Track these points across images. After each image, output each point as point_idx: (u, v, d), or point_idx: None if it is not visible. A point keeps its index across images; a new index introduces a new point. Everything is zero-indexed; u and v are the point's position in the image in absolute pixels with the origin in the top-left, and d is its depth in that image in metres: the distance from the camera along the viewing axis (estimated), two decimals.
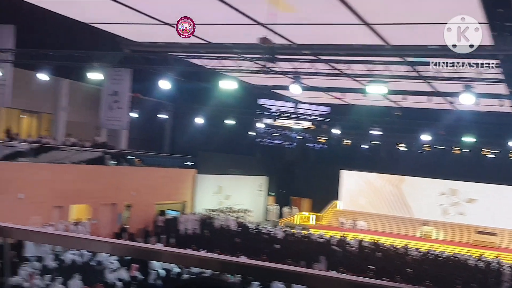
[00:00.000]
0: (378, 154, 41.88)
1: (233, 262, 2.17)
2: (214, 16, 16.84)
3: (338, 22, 16.15)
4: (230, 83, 21.33)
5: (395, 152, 41.35)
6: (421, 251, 30.38)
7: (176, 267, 21.09)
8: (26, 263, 19.70)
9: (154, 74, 23.05)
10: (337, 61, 20.54)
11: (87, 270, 20.10)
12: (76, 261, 21.04)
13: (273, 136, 42.30)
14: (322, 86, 25.89)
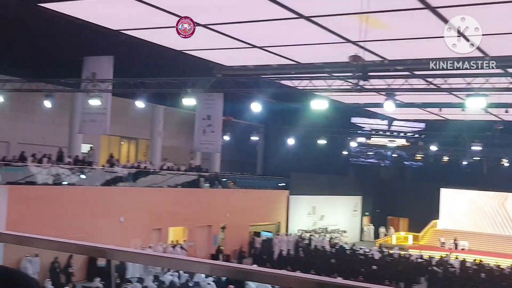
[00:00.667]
0: (479, 171, 39.98)
1: (331, 283, 2.07)
2: (303, 36, 16.81)
3: (432, 35, 15.59)
4: (321, 103, 21.12)
5: (498, 168, 39.31)
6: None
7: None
8: (128, 284, 20.36)
9: (245, 97, 23.34)
10: (433, 75, 19.82)
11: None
12: (174, 282, 21.49)
13: (367, 155, 41.55)
14: (417, 102, 25.11)
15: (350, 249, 33.05)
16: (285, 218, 36.30)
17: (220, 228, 30.46)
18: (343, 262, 29.12)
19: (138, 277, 22.82)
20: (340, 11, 14.20)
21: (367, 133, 35.61)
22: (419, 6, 13.12)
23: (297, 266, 26.85)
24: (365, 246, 36.47)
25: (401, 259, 30.84)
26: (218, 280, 21.31)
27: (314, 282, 2.07)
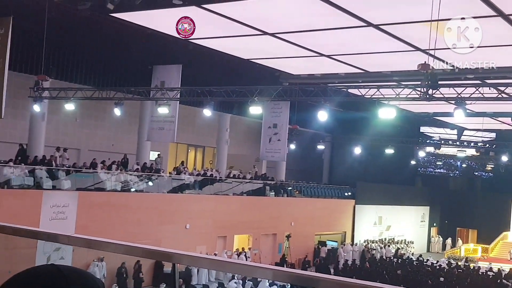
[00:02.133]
0: None
1: None
2: (371, 44, 16.78)
3: (504, 43, 15.26)
4: (389, 112, 20.87)
5: None
6: None
7: None
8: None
9: (311, 106, 23.42)
10: (505, 84, 19.29)
11: None
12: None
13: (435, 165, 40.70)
14: (488, 111, 24.48)
15: (417, 260, 32.41)
16: (350, 227, 35.99)
17: (285, 237, 30.54)
18: (409, 273, 28.59)
19: (203, 284, 23.14)
20: (410, 19, 14.14)
21: (436, 143, 34.88)
22: (491, 13, 12.89)
23: (362, 277, 26.57)
24: (432, 257, 35.64)
25: (469, 272, 29.98)
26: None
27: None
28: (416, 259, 32.59)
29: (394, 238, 39.12)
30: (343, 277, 2.20)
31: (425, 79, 15.91)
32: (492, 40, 15.21)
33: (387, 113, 20.92)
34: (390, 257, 33.10)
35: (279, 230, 30.27)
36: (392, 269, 29.37)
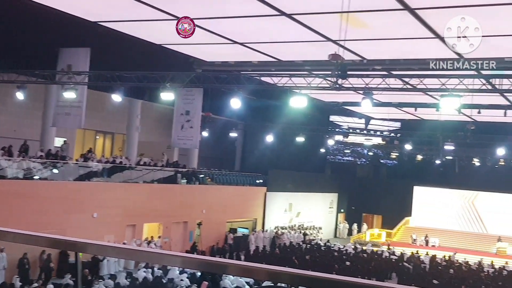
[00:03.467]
0: (451, 170, 40.80)
1: (303, 275, 2.14)
2: (284, 33, 16.92)
3: (410, 36, 15.87)
4: (301, 100, 21.28)
5: (469, 167, 40.17)
6: (495, 268, 29.38)
7: (247, 286, 21.12)
8: (100, 281, 20.19)
9: (225, 93, 23.38)
10: (409, 75, 20.14)
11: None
12: (148, 279, 21.40)
13: (344, 153, 41.98)
14: (394, 101, 25.48)
15: (325, 245, 33.40)
16: (261, 214, 36.46)
17: (197, 225, 30.49)
18: (317, 258, 29.40)
19: (111, 274, 22.62)
20: (321, 10, 14.35)
21: (344, 131, 35.96)
22: (398, 7, 13.32)
23: (272, 262, 27.03)
24: (340, 242, 36.86)
25: (374, 256, 31.27)
26: (192, 277, 21.28)
27: (285, 274, 2.14)
28: (324, 245, 33.57)
29: (304, 224, 40.08)
30: (249, 263, 2.24)
31: (335, 69, 16.29)
32: (398, 33, 15.77)
33: (299, 101, 21.31)
34: (299, 243, 33.88)
35: (190, 218, 30.15)
36: (301, 254, 30.07)
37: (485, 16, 13.53)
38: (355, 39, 16.21)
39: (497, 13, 13.23)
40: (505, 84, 19.39)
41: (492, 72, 19.19)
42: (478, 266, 29.95)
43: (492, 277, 27.14)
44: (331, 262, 28.22)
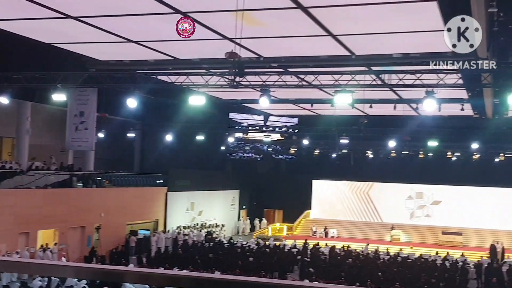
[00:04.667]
0: (347, 162, 42.36)
1: (205, 278, 2.12)
2: None
3: (304, 34, 16.24)
4: (199, 99, 21.22)
5: (363, 160, 41.89)
6: (390, 255, 30.85)
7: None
8: None
9: (121, 93, 22.84)
10: (304, 72, 20.66)
11: None
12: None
13: (244, 150, 42.35)
14: (291, 98, 26.01)
15: (228, 242, 33.54)
16: (163, 215, 35.96)
17: (95, 229, 29.51)
18: (221, 256, 29.46)
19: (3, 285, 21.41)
20: (217, 8, 14.34)
21: (244, 128, 36.25)
22: (291, 5, 13.57)
23: (175, 263, 26.76)
24: (243, 239, 37.17)
25: (276, 250, 31.80)
26: (92, 283, 20.58)
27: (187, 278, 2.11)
28: (227, 242, 33.70)
29: (206, 222, 40.04)
30: (146, 269, 2.21)
31: (232, 67, 16.36)
32: (293, 31, 16.08)
33: (197, 100, 21.23)
34: (202, 242, 33.80)
35: (88, 222, 29.15)
36: (204, 253, 29.99)
37: (375, 15, 14.14)
38: (251, 37, 16.36)
39: (386, 12, 13.83)
40: (394, 79, 20.42)
41: (381, 68, 20.15)
42: (374, 254, 31.30)
43: (388, 264, 28.43)
44: (234, 259, 28.38)
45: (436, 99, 19.54)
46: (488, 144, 35.78)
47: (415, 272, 25.91)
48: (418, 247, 35.90)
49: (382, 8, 13.49)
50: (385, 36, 15.93)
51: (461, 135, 34.97)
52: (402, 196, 43.79)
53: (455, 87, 20.46)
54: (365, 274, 25.11)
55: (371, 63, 19.44)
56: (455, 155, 39.40)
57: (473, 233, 38.99)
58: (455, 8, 12.54)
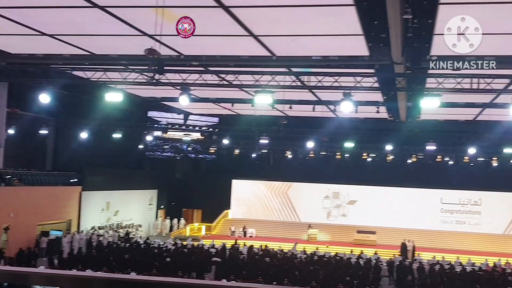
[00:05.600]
0: (267, 163, 42.71)
1: (118, 280, 2.07)
2: (97, 26, 16.20)
3: (226, 33, 16.16)
4: (116, 95, 20.66)
5: (282, 160, 42.38)
6: (307, 253, 31.38)
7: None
8: None
9: (33, 88, 21.82)
10: (225, 72, 20.59)
11: None
12: None
13: (163, 149, 41.77)
14: (212, 97, 25.86)
15: (144, 243, 32.92)
16: (77, 215, 34.74)
17: (3, 229, 28.08)
18: (137, 256, 28.85)
19: None
20: (136, 3, 13.97)
21: (163, 127, 35.72)
22: (213, 4, 13.44)
23: (88, 264, 25.92)
24: (160, 239, 36.63)
25: (194, 250, 31.56)
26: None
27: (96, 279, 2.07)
28: (144, 242, 33.08)
29: (123, 222, 39.15)
30: (54, 270, 2.15)
31: (151, 64, 16.03)
32: (214, 30, 15.93)
33: (114, 96, 20.67)
34: (118, 243, 33.01)
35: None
36: (119, 254, 29.28)
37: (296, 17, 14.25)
38: (172, 35, 16.04)
39: (306, 15, 13.96)
40: (313, 81, 20.76)
41: (301, 70, 20.41)
42: (292, 253, 31.72)
43: (305, 263, 28.89)
44: (151, 260, 27.87)
45: (353, 102, 20.00)
46: (401, 146, 37.14)
47: (331, 270, 26.46)
48: (334, 246, 36.74)
49: (303, 11, 13.61)
50: (305, 38, 16.12)
51: (376, 137, 36.09)
52: (319, 196, 44.69)
53: (371, 90, 21.03)
54: (282, 273, 25.36)
55: (291, 65, 19.65)
56: (370, 156, 40.62)
57: (386, 231, 40.39)
58: (372, 13, 12.87)
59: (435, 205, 42.81)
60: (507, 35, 14.48)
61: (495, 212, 41.70)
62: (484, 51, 15.87)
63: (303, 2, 13.07)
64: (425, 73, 18.64)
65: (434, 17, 13.07)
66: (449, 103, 22.22)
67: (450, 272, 27.30)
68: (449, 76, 18.89)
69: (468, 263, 30.90)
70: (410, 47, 15.12)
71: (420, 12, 12.39)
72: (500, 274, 26.99)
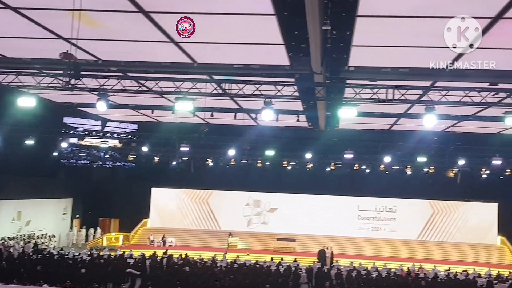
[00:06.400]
0: (187, 170, 42.35)
1: None
2: (8, 28, 15.43)
3: (146, 39, 15.83)
4: (29, 100, 19.77)
5: (203, 168, 42.17)
6: (228, 262, 31.28)
7: None
8: None
9: None
10: (145, 78, 20.21)
11: None
12: None
13: (79, 156, 40.46)
14: (131, 103, 25.30)
15: (58, 254, 31.66)
16: None
17: None
18: (50, 268, 27.68)
19: None
20: (51, 6, 13.41)
21: (79, 134, 34.59)
22: (132, 9, 13.13)
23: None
24: (75, 250, 35.42)
25: (111, 260, 30.69)
26: None
27: None
28: (57, 253, 31.82)
29: (35, 233, 37.54)
30: None
31: (67, 69, 15.43)
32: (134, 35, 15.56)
33: (27, 101, 19.81)
34: (29, 254, 31.58)
35: None
36: (31, 265, 27.99)
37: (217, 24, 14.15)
38: (89, 39, 15.56)
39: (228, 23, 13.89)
40: (234, 89, 20.78)
41: (222, 78, 20.36)
42: (212, 262, 31.50)
43: (225, 271, 28.75)
44: (65, 271, 26.82)
45: (274, 110, 20.17)
46: (321, 154, 37.87)
47: (251, 278, 26.46)
48: (254, 254, 36.93)
49: (224, 19, 13.55)
50: (227, 46, 16.06)
51: (296, 145, 36.63)
52: (240, 204, 44.85)
53: (292, 99, 21.29)
54: (202, 282, 25.11)
55: (212, 72, 19.55)
56: (290, 164, 41.17)
57: (306, 239, 41.02)
58: (293, 23, 12.99)
59: (353, 212, 43.98)
60: (421, 48, 15.03)
61: (409, 219, 43.39)
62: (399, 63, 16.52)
63: (224, 10, 13.01)
64: (343, 83, 19.07)
65: (352, 29, 13.38)
66: (366, 112, 22.83)
67: (367, 277, 28.01)
68: (366, 86, 19.44)
69: (383, 268, 31.84)
70: (329, 57, 15.40)
71: (339, 24, 12.63)
72: (413, 278, 27.96)
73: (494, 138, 31.48)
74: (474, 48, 13.30)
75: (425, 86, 19.60)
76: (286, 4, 10.94)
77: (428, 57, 15.97)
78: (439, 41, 14.39)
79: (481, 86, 18.70)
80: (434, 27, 13.25)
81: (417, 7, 12.09)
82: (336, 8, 11.47)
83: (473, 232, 42.55)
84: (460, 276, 29.21)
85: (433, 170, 39.05)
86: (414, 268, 32.04)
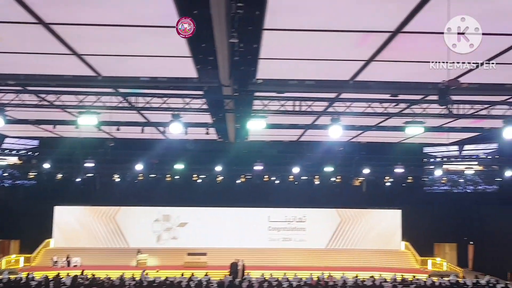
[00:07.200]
0: (92, 187, 40.96)
1: None
2: None
3: (46, 51, 15.11)
4: None
5: (110, 184, 41.01)
6: (136, 279, 30.45)
7: None
8: None
9: None
10: (46, 92, 19.32)
11: None
12: None
13: None
14: (31, 118, 24.10)
15: None
16: None
17: None
18: None
19: None
20: None
21: None
22: (31, 20, 12.48)
23: None
24: None
25: (11, 284, 29.04)
26: None
27: None
28: None
29: None
30: None
31: None
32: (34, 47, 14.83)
33: None
34: None
35: None
36: None
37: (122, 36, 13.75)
38: None
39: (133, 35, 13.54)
40: (141, 102, 20.35)
41: (128, 91, 19.87)
42: (120, 280, 30.51)
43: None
44: None
45: (182, 123, 19.96)
46: (231, 166, 37.91)
47: None
48: (164, 270, 36.14)
49: (129, 31, 13.19)
50: (133, 58, 15.68)
51: (206, 158, 36.45)
52: (149, 220, 43.90)
53: (200, 111, 21.14)
54: None
55: (118, 85, 19.02)
56: (200, 177, 40.91)
57: (217, 252, 40.74)
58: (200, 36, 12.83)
59: (263, 223, 44.29)
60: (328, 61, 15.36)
61: (318, 228, 44.28)
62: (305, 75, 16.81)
63: (129, 22, 12.67)
64: (251, 96, 19.15)
65: (259, 42, 13.44)
66: (274, 124, 23.10)
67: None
68: (274, 98, 19.64)
69: (294, 278, 32.18)
70: (238, 70, 15.40)
71: (246, 36, 12.64)
72: (323, 287, 28.47)
73: (396, 147, 32.91)
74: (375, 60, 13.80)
75: (330, 98, 20.09)
76: (193, 16, 10.81)
77: (334, 69, 16.40)
78: (344, 54, 14.85)
79: (383, 98, 19.42)
80: (338, 40, 13.60)
81: (321, 21, 12.32)
82: (243, 21, 11.46)
83: (379, 239, 44.09)
84: (367, 282, 30.07)
85: (340, 180, 40.21)
86: (323, 276, 32.64)
